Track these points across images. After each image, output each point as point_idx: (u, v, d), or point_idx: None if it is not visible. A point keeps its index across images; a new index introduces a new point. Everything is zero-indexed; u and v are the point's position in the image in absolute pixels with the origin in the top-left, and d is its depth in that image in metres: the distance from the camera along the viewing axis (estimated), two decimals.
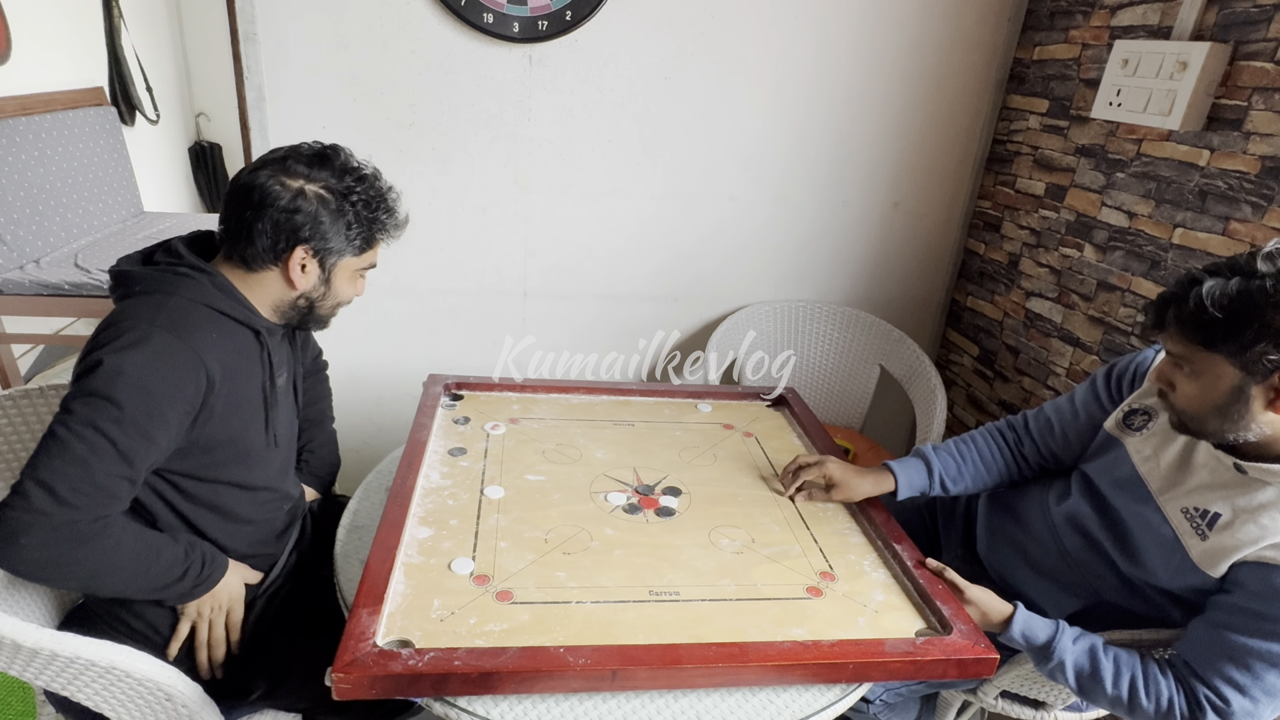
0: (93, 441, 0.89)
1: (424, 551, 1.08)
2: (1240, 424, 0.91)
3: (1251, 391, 0.88)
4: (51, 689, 0.93)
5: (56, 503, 0.87)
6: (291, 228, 1.01)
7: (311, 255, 1.04)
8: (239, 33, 1.71)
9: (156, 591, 1.00)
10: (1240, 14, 1.39)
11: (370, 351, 2.08)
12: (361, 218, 1.06)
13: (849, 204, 2.10)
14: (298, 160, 1.03)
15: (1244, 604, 0.93)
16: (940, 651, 0.97)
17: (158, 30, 3.96)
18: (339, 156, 1.06)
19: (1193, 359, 0.91)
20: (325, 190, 1.03)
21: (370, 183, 1.07)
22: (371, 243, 1.10)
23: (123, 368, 0.90)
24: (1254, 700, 0.92)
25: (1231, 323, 0.86)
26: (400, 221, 1.13)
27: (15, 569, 0.90)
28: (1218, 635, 0.95)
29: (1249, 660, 0.92)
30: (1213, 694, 0.93)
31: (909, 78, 1.98)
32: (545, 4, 1.75)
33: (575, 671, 0.88)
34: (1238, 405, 0.89)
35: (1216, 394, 0.90)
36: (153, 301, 0.97)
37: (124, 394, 0.90)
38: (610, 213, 2.01)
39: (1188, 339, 0.91)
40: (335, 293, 1.11)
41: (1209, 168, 1.46)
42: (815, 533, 1.22)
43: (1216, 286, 0.87)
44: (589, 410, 1.56)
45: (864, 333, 2.17)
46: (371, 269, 1.15)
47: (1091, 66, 1.75)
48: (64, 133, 2.83)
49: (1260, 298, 0.84)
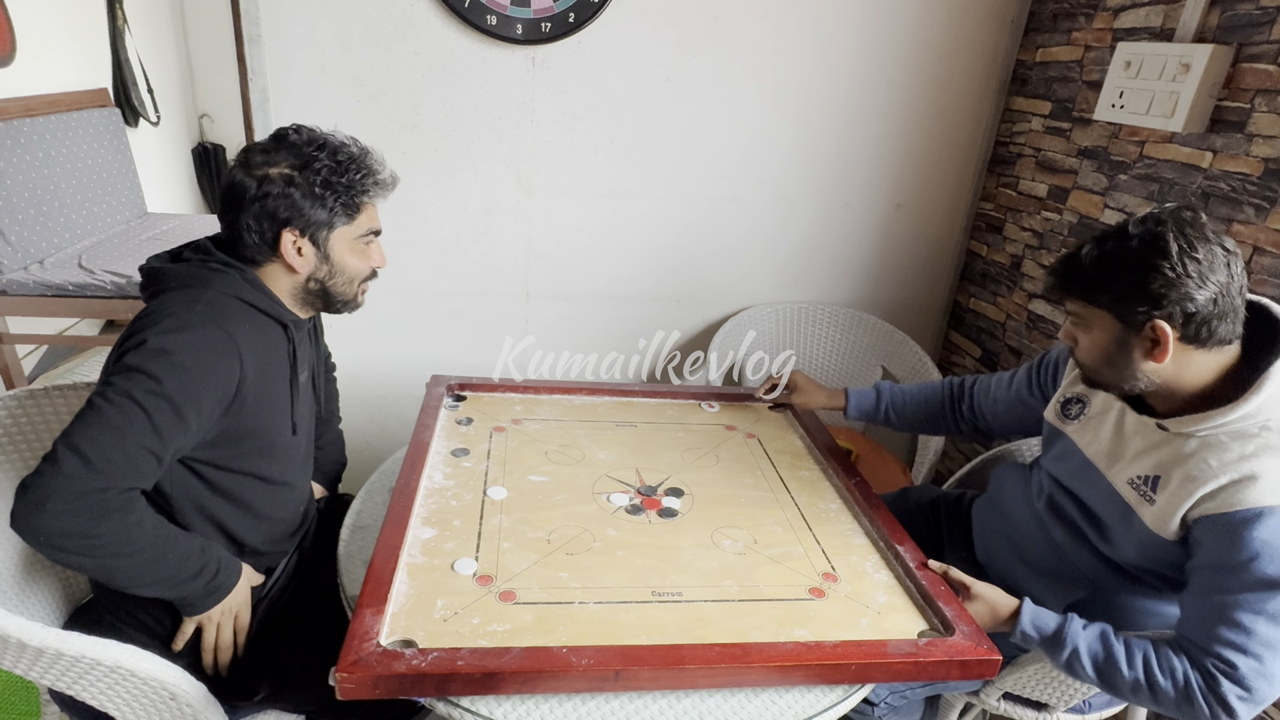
0: (128, 410, 0.90)
1: (427, 552, 1.08)
2: (1128, 374, 0.99)
3: (1132, 342, 0.97)
4: (57, 688, 0.93)
5: (86, 467, 0.88)
6: (269, 214, 1.02)
7: (300, 235, 1.04)
8: (243, 35, 1.71)
9: (171, 587, 1.00)
10: (1243, 16, 1.39)
11: (373, 352, 2.08)
12: (333, 185, 1.04)
13: (851, 205, 2.11)
14: (257, 151, 1.04)
15: (1209, 560, 0.96)
16: (943, 653, 0.97)
17: (161, 32, 3.98)
18: (297, 133, 1.05)
19: (1083, 314, 1.01)
20: (289, 169, 1.02)
21: (334, 149, 1.05)
22: (356, 206, 1.07)
23: (166, 346, 0.92)
24: (1256, 656, 0.92)
25: (1107, 280, 0.96)
26: (384, 180, 1.10)
27: (38, 538, 0.89)
28: (1202, 601, 0.97)
29: (1236, 616, 0.93)
30: (1218, 660, 0.94)
31: (911, 79, 1.98)
32: (548, 6, 1.75)
33: (578, 672, 0.89)
34: (1123, 355, 0.98)
35: (1105, 344, 1.00)
36: (189, 295, 0.99)
37: (164, 371, 0.91)
38: (613, 214, 2.02)
39: (1077, 296, 1.01)
40: (341, 267, 1.10)
41: (1212, 170, 1.46)
42: (818, 534, 1.22)
43: (1096, 248, 0.98)
44: (591, 411, 1.57)
45: (866, 334, 2.17)
46: (377, 235, 1.13)
47: (1094, 69, 1.75)
48: (68, 134, 2.84)
49: (1130, 256, 0.94)
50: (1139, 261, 0.93)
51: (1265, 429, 0.94)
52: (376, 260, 1.14)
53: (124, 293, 2.49)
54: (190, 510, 1.05)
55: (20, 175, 2.56)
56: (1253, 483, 0.92)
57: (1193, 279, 0.91)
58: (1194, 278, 0.91)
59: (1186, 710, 0.95)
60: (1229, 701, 0.92)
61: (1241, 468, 0.93)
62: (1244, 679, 0.92)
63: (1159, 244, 0.92)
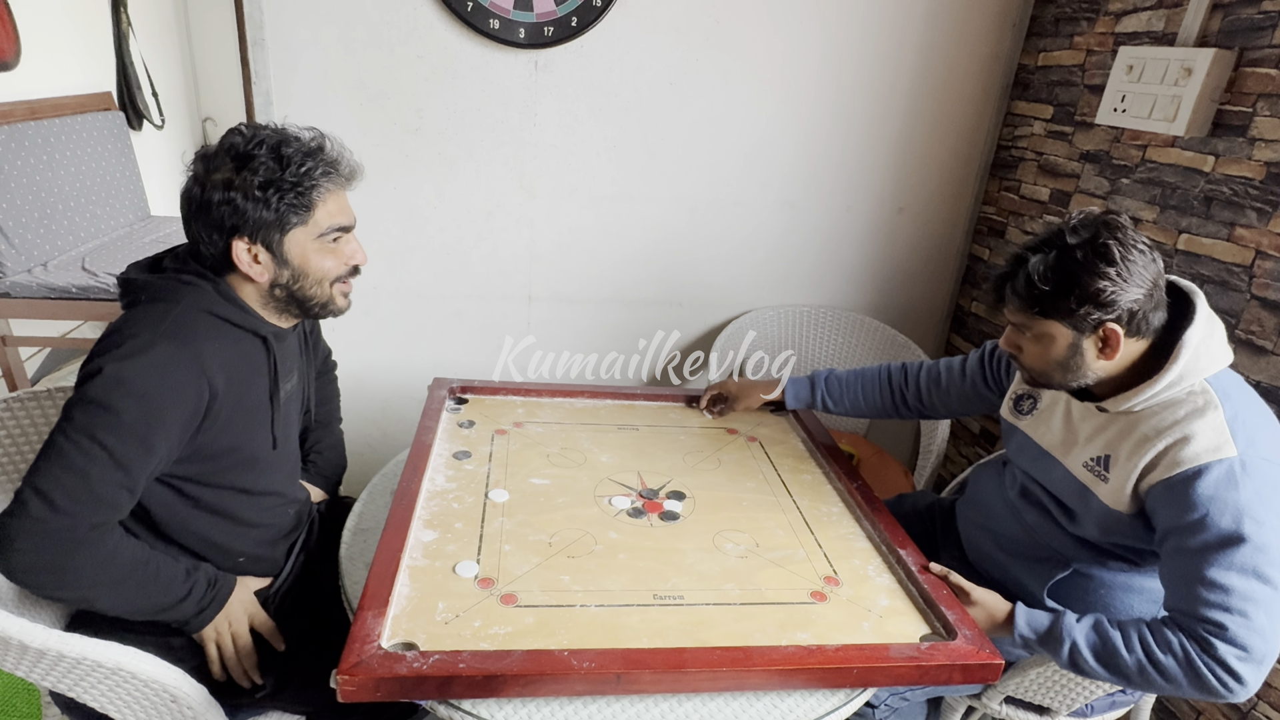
0: (89, 450, 0.88)
1: (429, 554, 1.08)
2: (1079, 372, 1.04)
3: (1084, 345, 1.01)
4: (58, 690, 0.93)
5: (52, 510, 0.87)
6: (216, 223, 0.96)
7: (252, 242, 0.98)
8: (248, 39, 1.72)
9: (160, 612, 1.00)
10: (1245, 20, 1.39)
11: (375, 355, 2.09)
12: (275, 182, 0.95)
13: (854, 209, 2.11)
14: (201, 158, 0.99)
15: (1167, 527, 0.99)
16: (945, 656, 0.97)
17: (166, 36, 3.99)
18: (238, 134, 0.99)
19: (1031, 325, 1.04)
20: (228, 172, 0.96)
21: (273, 144, 0.97)
22: (307, 204, 0.99)
23: (123, 375, 0.90)
24: (1241, 612, 0.92)
25: (1057, 292, 0.98)
26: (342, 167, 1.02)
27: (13, 576, 0.90)
28: (1174, 570, 0.99)
29: (1208, 575, 0.94)
30: (1206, 624, 0.94)
31: (913, 83, 1.98)
32: (551, 10, 1.76)
33: (579, 675, 0.88)
34: (1076, 358, 1.03)
35: (1057, 352, 1.03)
36: (157, 310, 0.96)
37: (122, 402, 0.89)
38: (615, 217, 2.02)
39: (1024, 310, 1.03)
40: (305, 269, 1.02)
41: (1214, 174, 1.46)
42: (819, 537, 1.22)
43: (1040, 262, 0.99)
44: (593, 414, 1.57)
45: (869, 338, 2.17)
46: (347, 230, 1.05)
47: (1096, 73, 1.75)
48: (72, 137, 2.85)
49: (1075, 266, 0.97)
50: (1088, 271, 0.96)
51: (1192, 393, 1.00)
52: (354, 257, 1.07)
53: None
54: (173, 524, 1.04)
55: (24, 178, 2.57)
56: (1187, 443, 0.97)
57: (1134, 280, 0.96)
58: (1135, 279, 0.96)
59: (1196, 682, 0.95)
60: (1229, 664, 0.92)
61: (1175, 432, 0.98)
62: (1236, 637, 0.92)
63: (1103, 252, 0.96)
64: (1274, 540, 0.93)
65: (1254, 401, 1.03)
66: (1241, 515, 0.93)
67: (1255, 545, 0.92)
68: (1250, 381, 1.38)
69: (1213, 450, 0.95)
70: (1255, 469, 0.94)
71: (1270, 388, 1.35)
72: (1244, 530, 0.92)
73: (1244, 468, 0.94)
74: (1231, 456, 0.94)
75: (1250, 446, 0.95)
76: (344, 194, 1.05)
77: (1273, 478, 0.95)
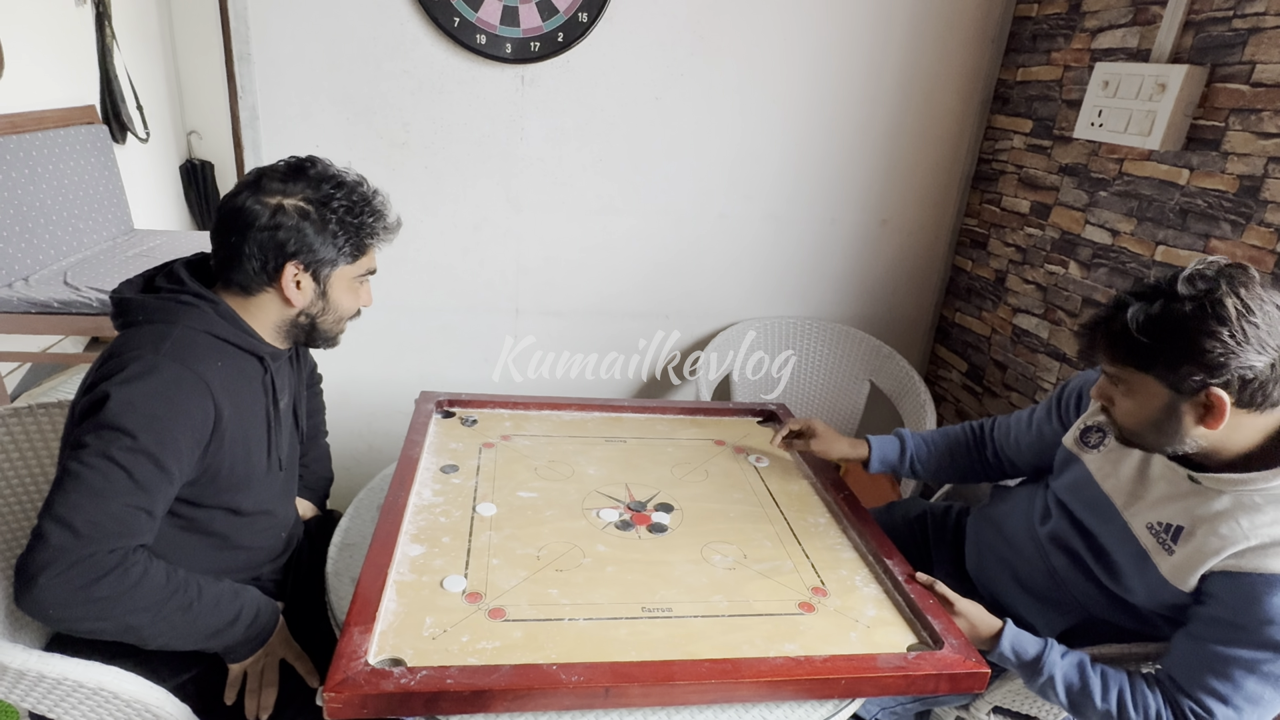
0: (107, 472, 0.87)
1: (416, 569, 1.07)
2: (1176, 438, 0.94)
3: (1182, 408, 0.91)
4: (38, 711, 0.92)
5: (74, 537, 0.85)
6: (276, 245, 0.99)
7: (303, 270, 1.02)
8: (233, 53, 1.72)
9: (209, 637, 0.98)
10: (1216, 37, 1.43)
11: (362, 368, 2.08)
12: (346, 224, 1.03)
13: (838, 221, 2.13)
14: (272, 177, 1.02)
15: (1218, 614, 0.94)
16: (932, 666, 0.97)
17: (150, 49, 3.98)
18: (314, 166, 1.04)
19: (1126, 379, 0.95)
20: (304, 202, 1.01)
21: (350, 188, 1.04)
22: (363, 248, 1.07)
23: (132, 399, 0.89)
24: (1237, 709, 0.92)
25: (1157, 346, 0.89)
26: (391, 224, 1.11)
27: (46, 614, 0.87)
28: (1198, 647, 0.95)
29: (1229, 669, 0.92)
30: (1197, 705, 0.94)
31: (895, 97, 2.01)
32: (537, 25, 1.77)
33: (568, 689, 0.88)
34: (1171, 421, 0.93)
35: (1151, 411, 0.94)
36: (156, 331, 0.96)
37: (136, 424, 0.88)
38: (601, 230, 2.03)
39: (1119, 361, 0.94)
40: (335, 305, 1.09)
41: (1189, 186, 1.49)
42: (807, 548, 1.22)
43: (1141, 311, 0.90)
44: (581, 427, 1.57)
45: (854, 349, 2.18)
46: (372, 275, 1.13)
47: (1073, 88, 1.78)
48: (55, 150, 2.83)
49: (1182, 321, 0.87)
50: (1195, 328, 0.86)
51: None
52: (365, 300, 1.14)
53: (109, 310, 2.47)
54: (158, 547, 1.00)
55: (5, 192, 2.55)
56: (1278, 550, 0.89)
57: (1252, 345, 0.85)
58: (1253, 343, 0.85)
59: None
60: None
61: (1273, 532, 0.90)
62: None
63: (1216, 309, 0.86)
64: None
65: None
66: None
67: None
68: None
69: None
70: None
71: None
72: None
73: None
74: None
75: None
76: None
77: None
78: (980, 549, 1.32)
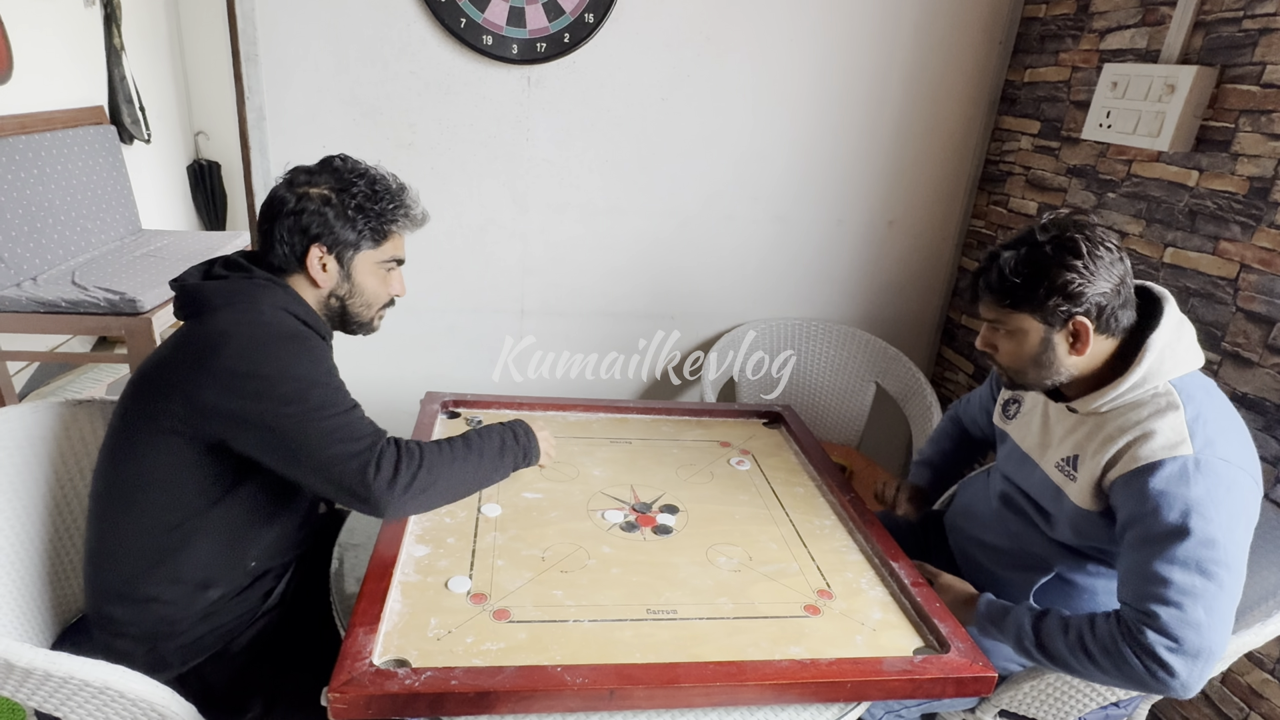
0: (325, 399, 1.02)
1: (421, 570, 1.07)
2: (1052, 369, 1.07)
3: (1055, 340, 1.05)
4: (44, 710, 0.92)
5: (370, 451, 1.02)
6: (301, 228, 1.08)
7: (327, 252, 1.10)
8: (240, 53, 1.72)
9: (503, 466, 1.23)
10: (1226, 38, 1.42)
11: (368, 369, 2.08)
12: (365, 209, 1.11)
13: (844, 223, 2.12)
14: (304, 171, 1.13)
15: (1126, 520, 1.01)
16: (938, 670, 0.97)
17: (158, 49, 4.00)
18: (342, 161, 1.14)
19: (1005, 321, 1.08)
20: (327, 189, 1.10)
21: (372, 178, 1.13)
22: (384, 233, 1.14)
23: (281, 358, 1.01)
24: (1177, 604, 0.94)
25: (1027, 284, 1.03)
26: (416, 215, 1.18)
27: (403, 504, 1.06)
28: (1126, 563, 1.02)
29: (1152, 568, 0.96)
30: (1141, 614, 0.97)
31: (903, 98, 2.01)
32: (544, 26, 1.77)
33: (573, 691, 0.88)
34: (1048, 354, 1.06)
35: (1030, 347, 1.07)
36: (247, 314, 1.03)
37: (304, 370, 1.02)
38: (607, 231, 2.03)
39: (998, 304, 1.07)
40: (361, 289, 1.16)
41: (1198, 188, 1.48)
42: (812, 550, 1.22)
43: (1011, 257, 1.04)
44: (585, 427, 1.56)
45: (860, 351, 2.18)
46: (399, 264, 1.19)
47: (1081, 89, 1.78)
48: (63, 151, 2.84)
49: (1045, 259, 1.02)
50: (1056, 263, 1.01)
51: (1156, 395, 1.03)
52: (396, 288, 1.21)
53: (117, 309, 2.48)
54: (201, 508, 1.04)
55: (15, 192, 2.56)
56: (1147, 439, 1.00)
57: (1101, 275, 1.01)
58: (1102, 274, 1.01)
59: (1125, 669, 0.97)
60: (1157, 653, 0.94)
61: (1136, 430, 1.02)
62: (1166, 627, 0.94)
63: (1070, 245, 1.01)
64: (1221, 537, 0.95)
65: (1221, 406, 1.05)
66: (1190, 510, 0.95)
67: (1200, 540, 0.94)
68: (1236, 393, 1.40)
69: (1169, 448, 0.98)
70: (1210, 467, 0.96)
71: (1256, 399, 1.37)
72: (1190, 524, 0.94)
73: (1198, 465, 0.96)
74: (1187, 455, 0.97)
75: (1208, 446, 0.98)
76: (405, 235, 1.20)
77: (1227, 478, 0.97)
78: (959, 541, 1.38)
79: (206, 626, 1.08)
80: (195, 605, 1.06)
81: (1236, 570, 0.96)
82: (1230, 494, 0.96)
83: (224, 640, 1.10)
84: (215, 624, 1.08)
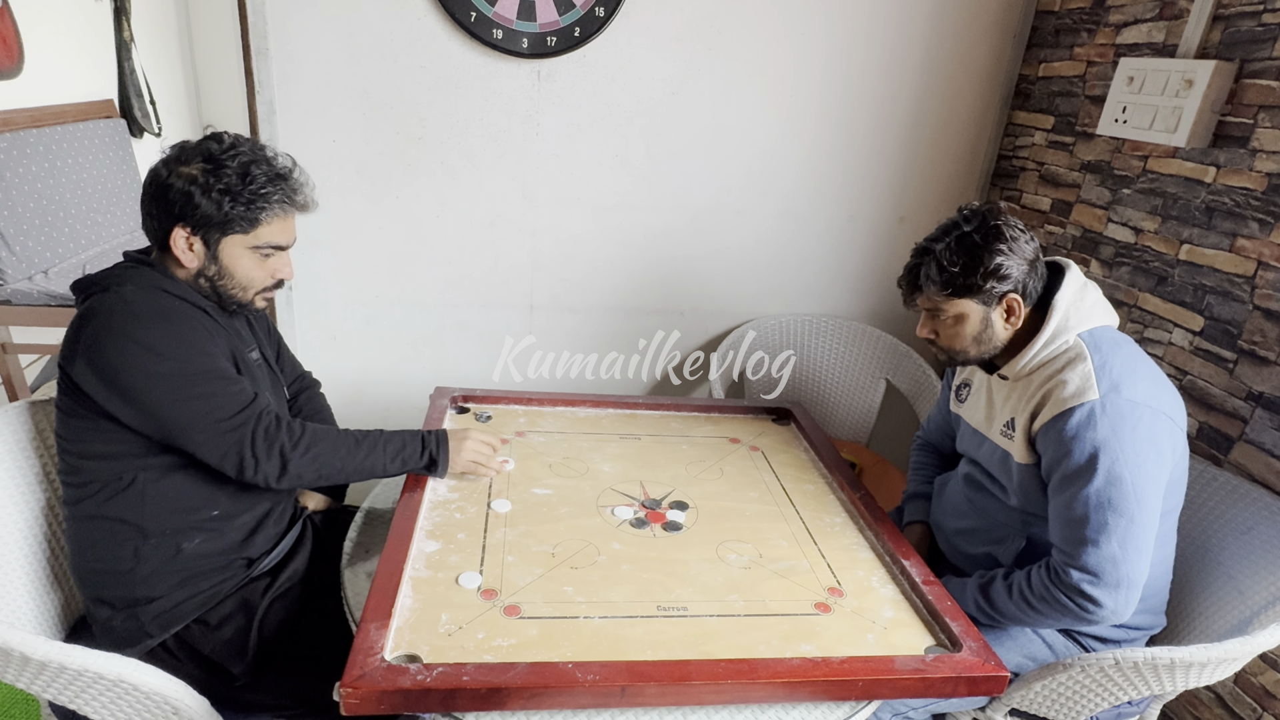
0: (191, 387, 1.03)
1: (431, 565, 1.07)
2: (990, 343, 1.18)
3: (993, 317, 1.16)
4: (59, 702, 0.93)
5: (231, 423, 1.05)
6: (165, 206, 1.05)
7: (191, 233, 1.06)
8: (251, 47, 1.72)
9: (407, 460, 1.21)
10: (1245, 33, 1.40)
11: (377, 364, 2.08)
12: (234, 192, 1.05)
13: (855, 218, 2.11)
14: (183, 149, 1.08)
15: (1049, 465, 1.11)
16: (950, 669, 0.96)
17: (168, 43, 4.00)
18: (218, 139, 1.08)
19: (946, 307, 1.16)
20: (197, 169, 1.05)
21: (244, 159, 1.06)
22: (254, 218, 1.07)
23: (139, 336, 1.01)
24: (1092, 541, 1.04)
25: (965, 271, 1.12)
26: (299, 200, 1.12)
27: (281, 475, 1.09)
28: (1053, 506, 1.11)
29: (1069, 511, 1.07)
30: (1063, 554, 1.08)
31: (915, 92, 1.99)
32: (554, 20, 1.77)
33: (584, 687, 0.88)
34: (987, 330, 1.17)
35: (972, 327, 1.17)
36: (107, 296, 1.03)
37: (161, 347, 1.02)
38: (617, 226, 2.02)
39: (938, 293, 1.16)
40: (231, 272, 1.10)
41: (1215, 184, 1.47)
42: (823, 548, 1.22)
43: (945, 248, 1.14)
44: (595, 423, 1.56)
45: (870, 347, 2.17)
46: (281, 249, 1.13)
47: (1097, 83, 1.76)
48: (74, 144, 2.85)
49: (976, 245, 1.12)
50: (987, 250, 1.11)
51: (1067, 349, 1.13)
52: (282, 272, 1.15)
53: None
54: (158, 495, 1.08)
55: (26, 185, 2.57)
56: (1060, 388, 1.10)
57: (1022, 254, 1.13)
58: (1021, 253, 1.13)
59: (1060, 609, 1.08)
60: (1081, 588, 1.05)
61: (1052, 381, 1.12)
62: (1086, 564, 1.04)
63: (996, 231, 1.12)
64: (1128, 474, 1.03)
65: (1130, 354, 1.13)
66: (1097, 450, 1.04)
67: (1108, 477, 1.03)
68: (1253, 393, 1.39)
69: (1077, 395, 1.07)
70: (1115, 409, 1.05)
71: (1273, 398, 1.35)
72: (1097, 463, 1.04)
73: (1104, 408, 1.05)
74: (1093, 399, 1.06)
75: (1113, 390, 1.06)
76: (292, 219, 1.14)
77: (1132, 417, 1.05)
78: (944, 534, 1.40)
79: (185, 593, 1.10)
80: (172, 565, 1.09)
81: (1147, 503, 1.04)
82: (1135, 431, 1.05)
83: (202, 607, 1.11)
84: (193, 590, 1.10)
